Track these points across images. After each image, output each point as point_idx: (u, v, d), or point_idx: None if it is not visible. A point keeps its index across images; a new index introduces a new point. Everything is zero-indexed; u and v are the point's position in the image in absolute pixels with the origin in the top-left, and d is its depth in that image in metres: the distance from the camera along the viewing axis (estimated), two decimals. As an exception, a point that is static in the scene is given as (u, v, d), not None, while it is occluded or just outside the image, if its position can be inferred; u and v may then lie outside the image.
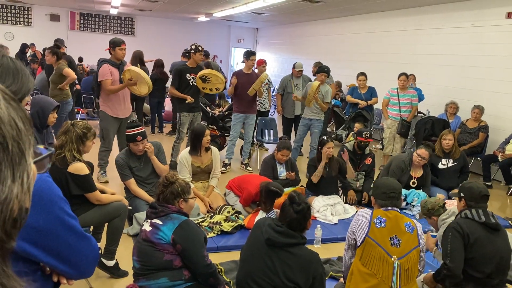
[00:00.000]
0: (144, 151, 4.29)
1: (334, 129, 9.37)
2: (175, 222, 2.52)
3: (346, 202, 5.20)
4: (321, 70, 6.72)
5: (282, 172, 5.13)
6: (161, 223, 2.53)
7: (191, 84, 5.97)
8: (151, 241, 2.51)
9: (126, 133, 4.24)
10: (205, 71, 5.94)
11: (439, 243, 3.09)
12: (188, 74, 5.97)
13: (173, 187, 2.61)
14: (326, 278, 3.45)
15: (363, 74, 8.06)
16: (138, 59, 7.69)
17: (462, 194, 2.97)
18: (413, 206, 5.21)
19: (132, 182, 4.22)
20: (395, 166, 5.41)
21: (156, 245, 2.49)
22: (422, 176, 5.41)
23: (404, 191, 5.13)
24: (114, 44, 5.37)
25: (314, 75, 7.55)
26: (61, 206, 1.18)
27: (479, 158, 7.14)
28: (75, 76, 6.64)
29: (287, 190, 4.78)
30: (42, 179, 1.13)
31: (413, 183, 5.40)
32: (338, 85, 10.43)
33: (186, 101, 5.87)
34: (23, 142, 0.62)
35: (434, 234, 3.66)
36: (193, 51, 6.00)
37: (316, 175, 5.04)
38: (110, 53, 5.44)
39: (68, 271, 1.23)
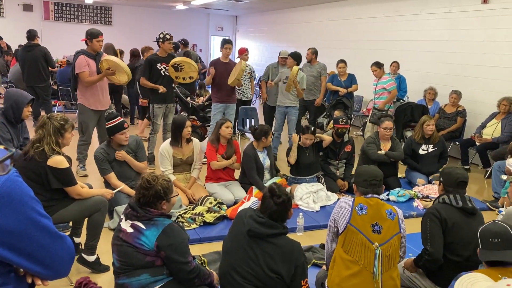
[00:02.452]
0: (128, 141, 4.23)
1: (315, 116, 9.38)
2: (159, 227, 2.43)
3: (328, 190, 5.24)
4: (290, 54, 6.69)
5: (264, 159, 5.05)
6: (144, 227, 2.44)
7: (163, 74, 5.85)
8: (132, 244, 2.44)
9: (110, 125, 4.11)
10: (177, 59, 5.77)
11: None
12: (159, 64, 5.82)
13: (155, 190, 2.47)
14: (309, 265, 3.48)
15: (342, 61, 8.08)
16: (111, 50, 7.55)
17: (441, 179, 3.02)
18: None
19: (112, 176, 4.14)
20: (366, 144, 5.53)
21: (138, 249, 2.43)
22: (392, 148, 5.56)
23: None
24: (92, 36, 5.23)
25: (309, 61, 7.53)
26: (32, 206, 1.14)
27: (457, 143, 7.26)
28: None
29: (269, 182, 4.80)
30: (11, 179, 1.09)
31: None
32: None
33: (159, 91, 5.76)
34: None
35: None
36: (161, 40, 5.83)
37: (292, 156, 5.19)
38: (87, 44, 5.31)
39: (42, 272, 1.19)
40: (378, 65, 7.39)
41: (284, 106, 6.63)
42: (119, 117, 4.15)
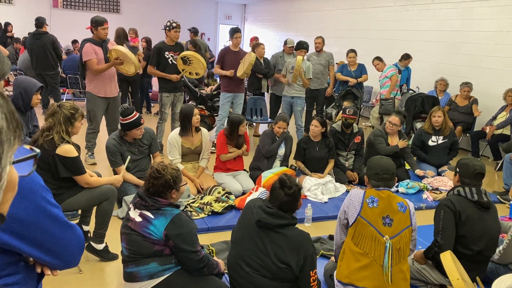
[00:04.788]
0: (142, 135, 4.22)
1: (324, 107, 9.31)
2: (167, 217, 2.43)
3: (337, 181, 5.20)
4: (300, 46, 6.65)
5: (280, 148, 5.08)
6: (152, 216, 2.44)
7: (170, 62, 5.81)
8: (140, 233, 2.44)
9: (127, 121, 4.06)
10: (188, 53, 5.75)
11: None
12: (166, 52, 5.79)
13: (165, 179, 2.47)
14: (317, 257, 3.47)
15: (353, 51, 7.98)
16: (122, 36, 7.50)
17: (457, 170, 2.97)
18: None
19: (122, 169, 4.13)
20: (373, 136, 5.48)
21: (146, 238, 2.43)
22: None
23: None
24: (97, 24, 5.20)
25: (318, 50, 7.44)
26: (42, 195, 1.12)
27: (468, 135, 7.18)
28: None
29: (277, 171, 4.77)
30: None
31: None
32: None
33: (173, 80, 5.73)
34: (0, 142, 0.54)
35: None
36: (167, 28, 5.78)
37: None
38: (92, 32, 5.29)
39: (52, 261, 1.18)
40: (379, 59, 7.74)
41: (290, 96, 6.59)
42: (135, 113, 4.12)
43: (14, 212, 1.07)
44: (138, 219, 2.48)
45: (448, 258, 2.31)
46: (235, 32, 6.23)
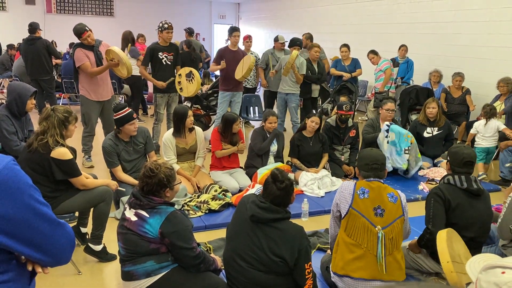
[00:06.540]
0: (136, 131, 4.23)
1: (320, 103, 9.33)
2: (162, 215, 2.46)
3: (333, 176, 5.23)
4: (294, 43, 6.68)
5: (272, 145, 5.09)
6: (147, 215, 2.47)
7: (164, 63, 5.85)
8: (136, 232, 2.47)
9: (119, 116, 4.09)
10: (196, 74, 5.87)
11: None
12: (160, 53, 5.84)
13: (158, 178, 2.50)
14: (314, 250, 3.51)
15: (345, 45, 7.99)
16: (129, 39, 7.50)
17: (448, 158, 3.00)
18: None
19: (118, 170, 4.16)
20: (365, 126, 5.60)
21: (142, 237, 2.46)
22: None
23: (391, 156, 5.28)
24: (77, 35, 5.21)
25: (304, 47, 7.45)
26: (30, 194, 1.15)
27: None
28: None
29: (272, 166, 4.80)
30: (8, 167, 1.11)
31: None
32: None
33: (160, 87, 5.80)
34: None
35: None
36: (159, 29, 5.83)
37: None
38: None
39: (43, 259, 1.21)
40: (374, 52, 7.75)
41: (284, 93, 6.61)
42: (127, 108, 4.15)
43: (3, 211, 1.10)
44: (134, 218, 2.50)
45: (442, 238, 2.27)
46: (233, 31, 6.26)
